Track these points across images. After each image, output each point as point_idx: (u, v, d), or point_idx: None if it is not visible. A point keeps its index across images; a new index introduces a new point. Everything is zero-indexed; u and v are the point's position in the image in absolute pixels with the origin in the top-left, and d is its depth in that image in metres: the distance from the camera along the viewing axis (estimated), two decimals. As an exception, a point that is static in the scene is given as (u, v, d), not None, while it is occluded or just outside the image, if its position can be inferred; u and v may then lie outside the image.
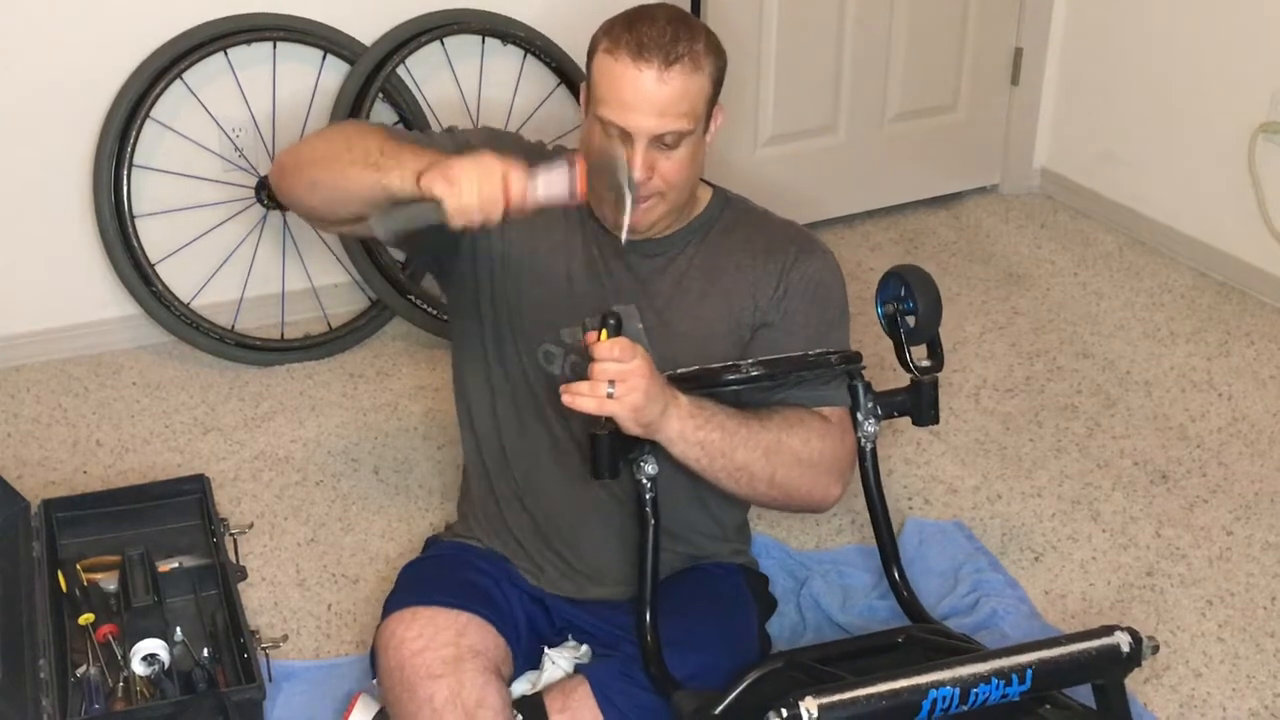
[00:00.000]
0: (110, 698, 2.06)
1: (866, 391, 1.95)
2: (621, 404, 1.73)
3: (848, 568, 2.47)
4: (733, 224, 2.03)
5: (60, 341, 3.14)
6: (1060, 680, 1.62)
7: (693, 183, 1.93)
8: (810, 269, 2.00)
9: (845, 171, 3.80)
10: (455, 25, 3.18)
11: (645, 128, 1.81)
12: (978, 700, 1.52)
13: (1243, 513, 2.65)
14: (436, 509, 2.64)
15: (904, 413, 1.98)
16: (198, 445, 2.84)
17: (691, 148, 1.87)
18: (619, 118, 1.82)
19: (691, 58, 1.82)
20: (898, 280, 1.99)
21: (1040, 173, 4.05)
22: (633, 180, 1.79)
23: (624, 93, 1.81)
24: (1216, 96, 3.48)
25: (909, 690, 1.51)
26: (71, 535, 2.39)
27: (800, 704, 1.47)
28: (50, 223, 3.07)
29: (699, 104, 1.84)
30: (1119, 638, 1.61)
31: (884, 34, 3.68)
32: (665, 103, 1.81)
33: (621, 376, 1.73)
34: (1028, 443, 2.87)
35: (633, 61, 1.80)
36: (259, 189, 3.16)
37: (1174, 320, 3.36)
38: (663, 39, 1.80)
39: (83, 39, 2.95)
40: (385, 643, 1.89)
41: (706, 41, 1.85)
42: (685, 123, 1.83)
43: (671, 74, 1.80)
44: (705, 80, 1.84)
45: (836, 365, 1.92)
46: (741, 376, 1.86)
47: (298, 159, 1.92)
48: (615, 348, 1.73)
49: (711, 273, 1.98)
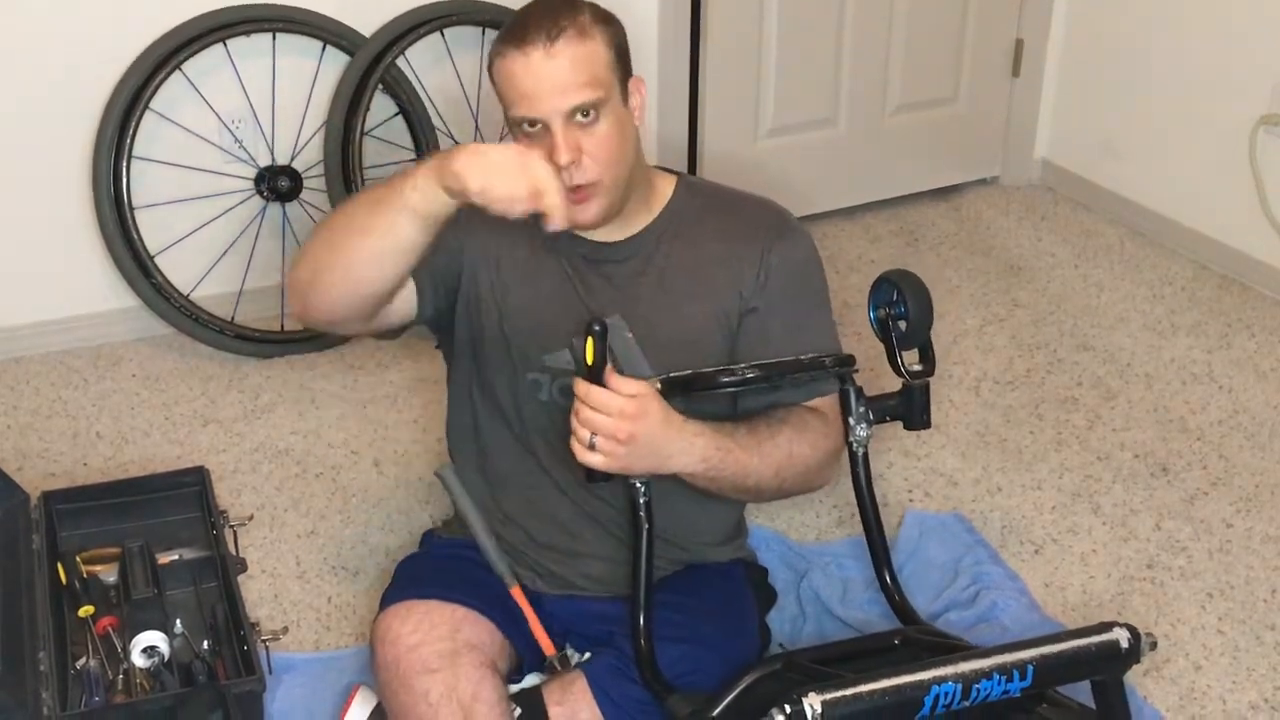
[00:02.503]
0: (110, 690, 2.06)
1: (858, 397, 1.94)
2: (606, 460, 1.73)
3: (848, 560, 2.47)
4: (702, 212, 1.99)
5: (59, 333, 3.14)
6: (1061, 676, 1.62)
7: (628, 162, 1.86)
8: (789, 252, 1.98)
9: (845, 163, 3.79)
10: (455, 16, 3.17)
11: (553, 107, 1.77)
12: (979, 696, 1.52)
13: (1243, 505, 2.65)
14: (436, 502, 2.63)
15: (895, 417, 1.97)
16: (197, 437, 2.84)
17: (613, 120, 1.81)
18: (525, 109, 1.78)
19: (575, 28, 1.77)
20: (889, 285, 1.99)
21: (1041, 165, 4.05)
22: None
23: (521, 83, 1.78)
24: (1217, 89, 3.48)
25: (911, 686, 1.50)
26: (71, 527, 2.39)
27: (804, 700, 1.46)
28: (49, 214, 3.06)
29: (600, 70, 1.79)
30: (1118, 634, 1.61)
31: (884, 25, 3.67)
32: (561, 77, 1.76)
33: (605, 432, 1.71)
34: (1028, 435, 2.87)
35: (518, 50, 1.77)
36: (258, 181, 3.16)
37: (1174, 313, 3.36)
38: (542, 21, 1.78)
39: (82, 30, 2.94)
40: (381, 637, 1.89)
41: (592, 12, 1.81)
42: (589, 92, 1.78)
43: (557, 47, 1.76)
44: (599, 46, 1.79)
45: (831, 368, 1.91)
46: (737, 379, 1.85)
47: (313, 269, 1.83)
48: (590, 393, 1.70)
49: (691, 269, 1.96)
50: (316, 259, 1.82)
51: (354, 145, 3.09)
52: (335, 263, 1.79)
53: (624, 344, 1.90)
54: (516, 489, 2.03)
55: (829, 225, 3.76)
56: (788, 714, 1.46)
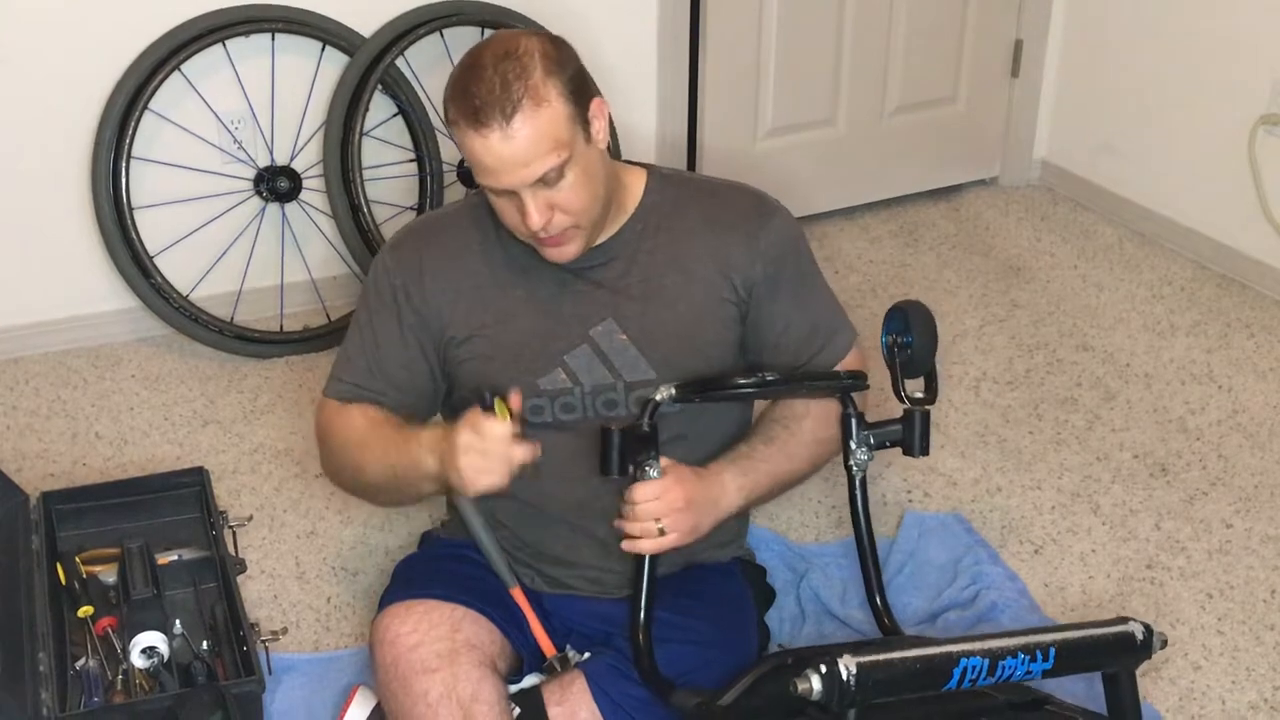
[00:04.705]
0: (109, 690, 2.06)
1: (859, 422, 1.95)
2: (679, 536, 1.84)
3: (847, 560, 2.46)
4: (679, 203, 1.98)
5: (59, 334, 3.14)
6: (1079, 662, 1.68)
7: (602, 195, 1.86)
8: (780, 232, 1.99)
9: (845, 164, 3.79)
10: (455, 17, 3.17)
11: (518, 181, 1.76)
12: (1004, 673, 1.57)
13: (1242, 505, 2.65)
14: (436, 502, 2.62)
15: (895, 443, 1.99)
16: (197, 438, 2.84)
17: (579, 169, 1.79)
18: (492, 182, 1.79)
19: (530, 97, 1.72)
20: (900, 314, 2.01)
21: (1040, 165, 4.05)
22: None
23: (482, 160, 1.76)
24: (1217, 89, 3.48)
25: (941, 657, 1.56)
26: (71, 528, 2.39)
27: (839, 661, 1.50)
28: (48, 215, 3.06)
29: (560, 132, 1.75)
30: (1133, 627, 1.69)
31: (884, 26, 3.67)
32: (523, 153, 1.74)
33: (663, 512, 1.82)
34: (1027, 435, 2.87)
35: (475, 131, 1.74)
36: (258, 181, 3.16)
37: (1174, 313, 3.36)
38: (493, 93, 1.72)
39: (81, 30, 2.94)
40: (380, 637, 1.89)
41: (542, 67, 1.74)
42: (553, 158, 1.75)
43: (514, 125, 1.72)
44: (555, 107, 1.74)
45: (845, 380, 1.95)
46: (754, 382, 1.89)
47: (347, 489, 2.11)
48: (648, 489, 1.81)
49: (678, 262, 1.95)
50: (347, 487, 2.08)
51: (353, 146, 3.09)
52: (366, 498, 2.10)
53: (618, 347, 1.90)
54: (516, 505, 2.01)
55: (828, 225, 3.76)
56: (823, 674, 1.50)
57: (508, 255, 1.95)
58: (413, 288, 1.95)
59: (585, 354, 1.93)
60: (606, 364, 1.93)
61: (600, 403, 1.93)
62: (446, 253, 1.96)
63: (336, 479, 2.08)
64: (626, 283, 1.94)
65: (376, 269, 2.01)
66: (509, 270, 1.95)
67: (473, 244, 1.96)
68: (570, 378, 1.93)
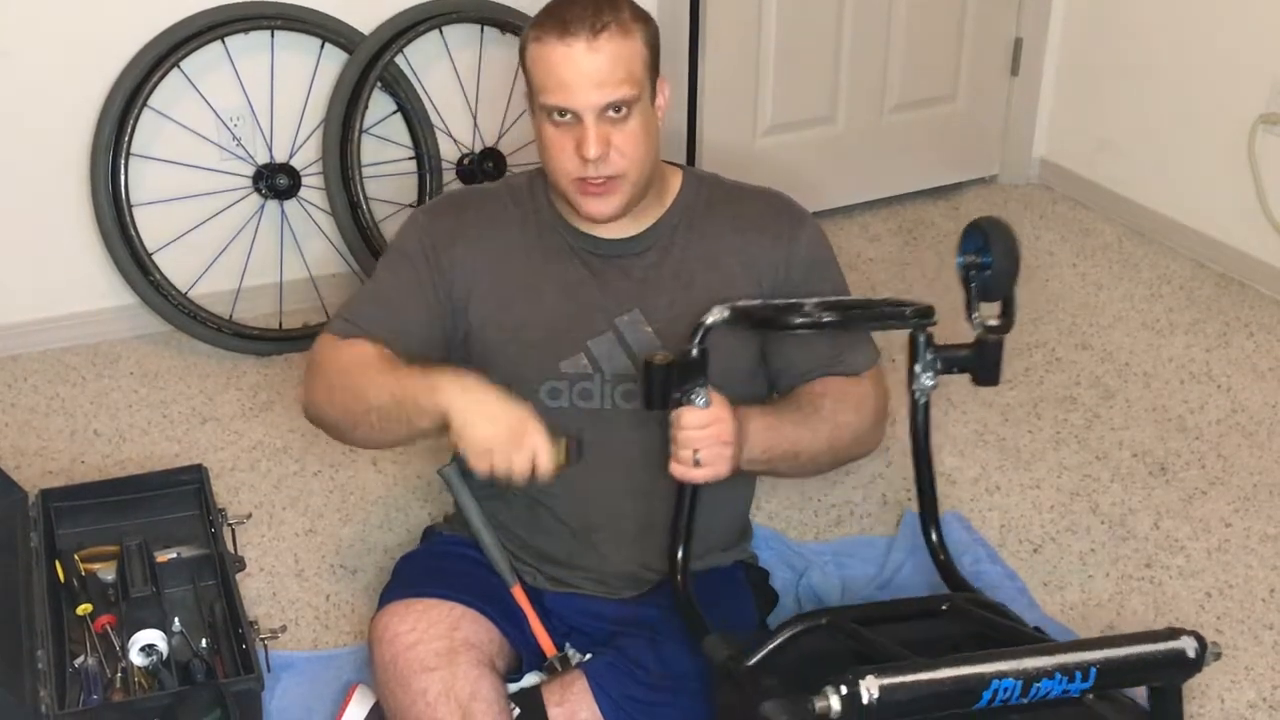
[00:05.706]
0: (108, 688, 2.06)
1: (927, 344, 1.88)
2: (709, 470, 1.79)
3: (847, 559, 2.47)
4: (713, 202, 1.99)
5: (57, 331, 3.14)
6: (1122, 680, 1.57)
7: (652, 158, 1.88)
8: (811, 237, 2.00)
9: (844, 162, 3.79)
10: (454, 14, 3.17)
11: (589, 101, 1.78)
12: (1038, 694, 1.47)
13: (1241, 504, 2.65)
14: (435, 500, 2.63)
15: (965, 369, 1.89)
16: (195, 435, 2.84)
17: (642, 118, 1.82)
18: (561, 99, 1.79)
19: (618, 24, 1.78)
20: (979, 232, 1.89)
21: (1039, 163, 4.05)
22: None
23: (560, 72, 1.78)
24: (1216, 87, 3.48)
25: (972, 678, 1.46)
26: (69, 525, 2.39)
27: (861, 683, 1.41)
28: (47, 212, 3.06)
29: (636, 68, 1.80)
30: (1184, 642, 1.56)
31: (883, 23, 3.67)
32: (601, 72, 1.77)
33: (706, 444, 1.78)
34: (1026, 434, 2.87)
35: (560, 40, 1.77)
36: (257, 178, 3.16)
37: (1173, 311, 3.36)
38: (585, 13, 1.78)
39: (80, 27, 2.94)
40: (379, 636, 1.88)
41: (632, 10, 1.82)
42: (627, 89, 1.79)
43: (600, 42, 1.77)
44: (638, 44, 1.81)
45: (910, 317, 1.87)
46: (810, 319, 1.83)
47: (328, 426, 2.00)
48: (695, 416, 1.76)
49: (707, 259, 1.96)
50: (332, 417, 1.95)
51: (352, 143, 3.09)
52: (349, 430, 1.95)
53: (645, 338, 1.90)
54: (521, 501, 2.01)
55: (827, 223, 3.72)
56: (843, 695, 1.41)
57: (543, 235, 1.95)
58: (442, 251, 1.94)
59: (609, 341, 1.93)
60: (629, 354, 1.93)
61: (619, 393, 1.93)
62: (483, 222, 1.96)
63: (321, 408, 1.96)
64: (657, 275, 1.95)
65: (408, 226, 2.00)
66: (542, 250, 1.95)
67: (511, 219, 1.97)
68: (592, 363, 1.93)
